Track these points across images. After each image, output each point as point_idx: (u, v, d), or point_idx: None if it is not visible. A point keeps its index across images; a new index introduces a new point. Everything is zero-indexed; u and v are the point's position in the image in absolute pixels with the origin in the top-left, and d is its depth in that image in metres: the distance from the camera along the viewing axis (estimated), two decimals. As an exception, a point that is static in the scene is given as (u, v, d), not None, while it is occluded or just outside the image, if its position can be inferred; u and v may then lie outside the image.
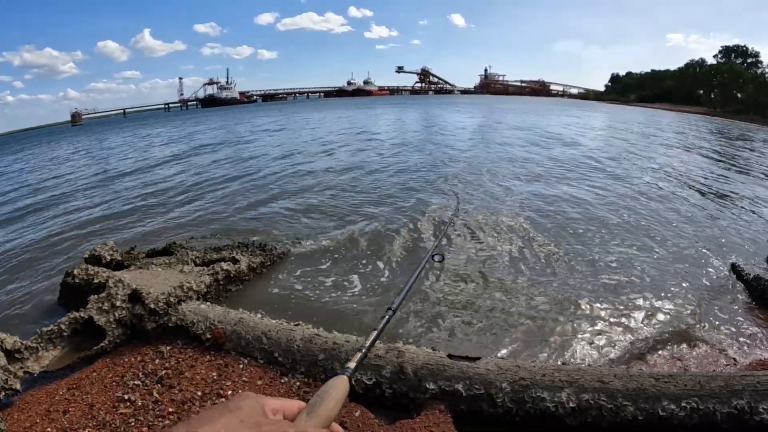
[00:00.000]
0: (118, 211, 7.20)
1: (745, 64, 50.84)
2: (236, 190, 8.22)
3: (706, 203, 7.45)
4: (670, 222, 6.05)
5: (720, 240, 5.36)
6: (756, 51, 51.96)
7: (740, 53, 52.89)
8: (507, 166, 10.17)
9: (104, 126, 44.33)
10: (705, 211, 6.89)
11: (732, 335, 3.19)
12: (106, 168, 12.93)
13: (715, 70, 50.35)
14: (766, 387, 1.79)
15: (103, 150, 19.51)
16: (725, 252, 4.88)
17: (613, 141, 16.48)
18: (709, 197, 7.90)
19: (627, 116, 32.45)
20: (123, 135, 28.04)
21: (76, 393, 2.47)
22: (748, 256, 4.81)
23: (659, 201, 7.34)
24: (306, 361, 2.40)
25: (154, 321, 2.70)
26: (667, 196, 7.75)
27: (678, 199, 7.65)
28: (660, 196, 7.69)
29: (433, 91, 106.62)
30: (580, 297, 3.71)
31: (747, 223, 6.31)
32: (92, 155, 17.80)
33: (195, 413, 2.30)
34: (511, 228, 5.52)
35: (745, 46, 52.95)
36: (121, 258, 3.35)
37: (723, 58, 53.40)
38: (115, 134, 29.73)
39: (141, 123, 42.26)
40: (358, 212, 6.35)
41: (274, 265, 3.85)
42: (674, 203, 7.23)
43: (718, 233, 5.68)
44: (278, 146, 15.53)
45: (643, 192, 7.98)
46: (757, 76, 44.69)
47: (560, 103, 61.95)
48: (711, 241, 5.27)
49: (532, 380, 2.08)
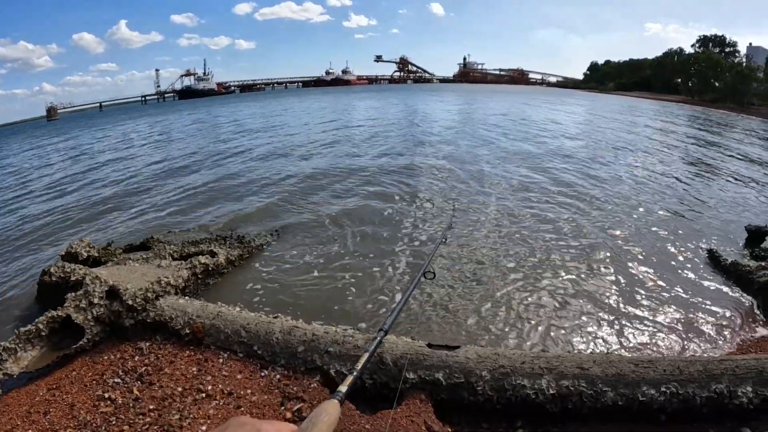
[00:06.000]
0: (94, 206, 7.17)
1: (723, 53, 51.48)
2: (213, 182, 8.20)
3: (686, 189, 7.59)
4: (650, 208, 6.16)
5: (697, 225, 5.47)
6: (733, 41, 53.38)
7: (718, 43, 53.72)
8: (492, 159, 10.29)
9: (80, 121, 43.35)
10: (684, 197, 7.02)
11: (710, 320, 3.23)
12: (80, 164, 12.75)
13: (693, 58, 51.00)
14: (745, 371, 1.79)
15: (78, 146, 19.07)
16: (703, 237, 4.99)
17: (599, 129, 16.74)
18: (688, 184, 8.04)
19: (606, 104, 32.85)
20: (98, 129, 27.47)
21: (57, 393, 2.49)
22: (725, 240, 4.91)
23: (637, 187, 7.48)
24: (286, 354, 2.41)
25: (133, 317, 2.69)
26: (645, 182, 7.90)
27: (657, 185, 7.79)
28: (638, 182, 7.84)
29: (412, 80, 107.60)
30: (560, 285, 3.76)
31: (725, 207, 6.47)
32: (65, 152, 17.41)
33: (175, 409, 2.33)
34: (498, 220, 5.60)
35: (723, 36, 54.02)
36: (98, 254, 3.33)
37: (701, 48, 54.09)
38: (91, 129, 29.06)
39: (117, 116, 41.47)
40: (337, 203, 6.37)
41: (252, 257, 3.85)
42: (652, 190, 7.35)
43: (696, 218, 5.79)
44: (256, 138, 15.41)
45: (620, 177, 8.18)
46: (734, 65, 45.33)
47: (539, 91, 63.74)
48: (689, 227, 5.38)
49: (512, 368, 2.09)
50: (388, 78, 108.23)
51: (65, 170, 11.64)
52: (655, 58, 60.42)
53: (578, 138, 14.00)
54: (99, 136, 22.41)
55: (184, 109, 42.02)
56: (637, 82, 58.34)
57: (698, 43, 54.99)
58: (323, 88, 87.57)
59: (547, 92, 58.82)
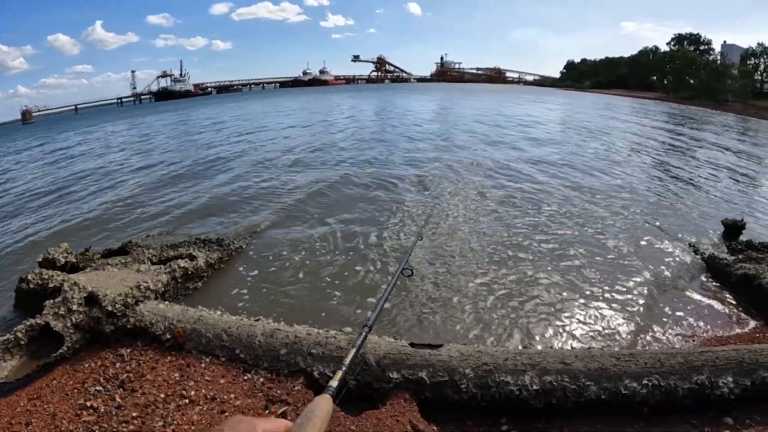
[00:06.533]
0: (71, 212, 6.98)
1: (698, 51, 52.37)
2: (191, 185, 8.06)
3: (664, 184, 7.69)
4: (627, 204, 6.20)
5: (676, 219, 5.53)
6: (708, 39, 54.50)
7: (693, 41, 54.71)
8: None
9: (56, 124, 42.09)
10: (662, 191, 7.09)
11: (690, 312, 3.27)
12: (55, 169, 12.29)
13: (668, 56, 52.14)
14: (725, 362, 1.78)
15: (51, 152, 18.41)
16: (680, 231, 5.04)
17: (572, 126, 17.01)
18: (666, 178, 8.16)
19: (583, 102, 33.49)
20: (76, 133, 26.53)
21: (38, 403, 2.45)
22: (702, 234, 4.99)
23: (615, 182, 7.55)
24: (268, 357, 2.38)
25: (113, 323, 2.65)
26: (624, 177, 7.99)
27: (635, 179, 7.87)
28: (616, 178, 7.93)
29: (389, 79, 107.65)
30: (539, 280, 3.77)
31: (703, 201, 6.58)
32: (40, 157, 16.87)
33: (158, 416, 2.30)
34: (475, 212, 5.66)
35: (698, 34, 54.98)
36: (76, 260, 3.26)
37: (676, 46, 55.11)
38: (67, 132, 27.86)
39: (94, 119, 40.23)
40: (317, 205, 6.32)
41: (231, 260, 3.81)
42: (630, 185, 7.40)
43: (674, 212, 5.86)
44: (233, 139, 15.16)
45: (598, 172, 8.26)
46: (709, 63, 46.44)
47: (517, 89, 64.91)
48: (667, 221, 5.42)
49: (495, 365, 2.08)
50: (365, 78, 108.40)
51: (41, 176, 11.29)
52: (631, 56, 61.95)
53: (556, 136, 14.17)
54: (77, 139, 21.68)
55: (161, 110, 41.13)
56: (613, 80, 59.76)
57: (673, 41, 56.25)
58: (301, 88, 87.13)
59: (524, 90, 60.01)
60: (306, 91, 70.31)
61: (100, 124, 30.82)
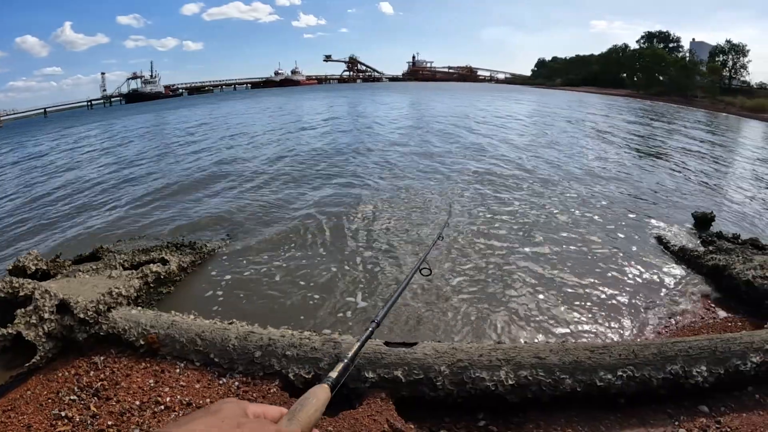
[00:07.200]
0: (40, 217, 6.82)
1: (667, 48, 52.88)
2: (163, 188, 7.91)
3: (637, 177, 7.76)
4: (603, 197, 6.27)
5: (648, 211, 5.57)
6: (677, 36, 54.88)
7: (662, 38, 55.15)
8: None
9: (24, 128, 40.72)
10: (636, 184, 7.16)
11: (663, 304, 3.27)
12: (20, 174, 11.99)
13: (638, 53, 52.59)
14: (698, 352, 1.76)
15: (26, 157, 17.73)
16: (652, 223, 5.10)
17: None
18: (637, 171, 8.27)
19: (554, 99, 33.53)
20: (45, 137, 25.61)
21: (12, 415, 2.41)
22: (674, 225, 5.04)
23: (590, 177, 7.59)
24: (243, 360, 2.35)
25: (85, 331, 2.60)
26: (598, 171, 8.04)
27: (609, 173, 7.93)
28: (589, 173, 7.97)
29: (361, 79, 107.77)
30: (514, 273, 3.78)
31: (675, 194, 6.66)
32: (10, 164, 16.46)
33: (134, 423, 2.27)
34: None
35: (667, 32, 55.32)
36: (47, 267, 3.18)
37: (645, 43, 55.50)
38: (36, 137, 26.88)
39: (63, 123, 38.96)
40: (290, 205, 6.28)
41: (204, 263, 3.75)
42: (604, 179, 7.44)
43: (647, 205, 5.92)
44: (206, 142, 14.84)
45: (573, 167, 8.36)
46: (678, 60, 46.98)
47: (488, 87, 65.20)
48: (641, 212, 5.49)
49: (470, 361, 2.05)
50: (337, 78, 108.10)
51: (9, 181, 11.04)
52: (601, 54, 62.76)
53: (528, 132, 14.34)
54: (49, 144, 21.01)
55: (131, 114, 40.03)
56: (584, 77, 60.10)
57: (643, 39, 56.76)
58: (272, 88, 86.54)
59: (496, 89, 60.29)
60: (277, 91, 69.83)
61: (71, 128, 29.85)
